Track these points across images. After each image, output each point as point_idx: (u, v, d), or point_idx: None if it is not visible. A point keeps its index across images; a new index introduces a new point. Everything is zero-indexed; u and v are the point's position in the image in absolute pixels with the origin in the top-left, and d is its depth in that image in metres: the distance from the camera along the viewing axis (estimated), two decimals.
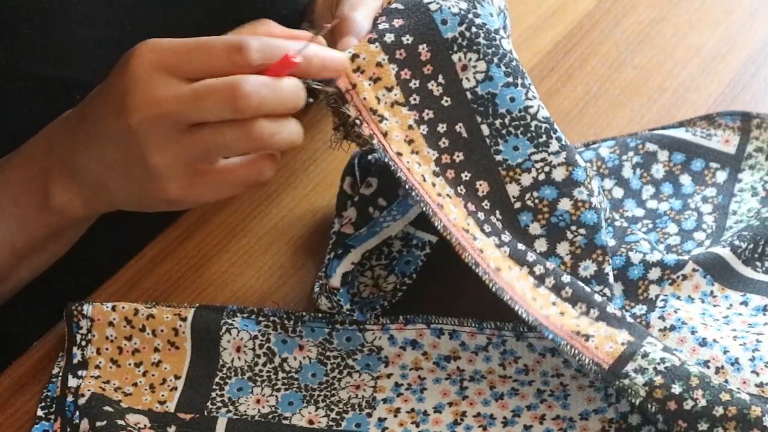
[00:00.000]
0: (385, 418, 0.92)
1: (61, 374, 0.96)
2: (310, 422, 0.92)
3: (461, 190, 0.93)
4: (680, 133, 1.06)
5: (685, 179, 1.04)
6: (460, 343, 0.94)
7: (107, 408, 0.91)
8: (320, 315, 0.96)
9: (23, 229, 0.97)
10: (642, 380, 0.85)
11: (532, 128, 0.93)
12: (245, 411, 0.93)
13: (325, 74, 0.90)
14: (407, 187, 0.90)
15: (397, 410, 0.93)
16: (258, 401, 0.94)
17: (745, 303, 0.94)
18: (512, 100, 0.93)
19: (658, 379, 0.85)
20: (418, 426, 0.91)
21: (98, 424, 0.90)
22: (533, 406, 0.92)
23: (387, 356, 0.95)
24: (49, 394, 0.96)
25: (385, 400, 0.93)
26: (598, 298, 0.90)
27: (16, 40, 0.95)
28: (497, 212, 0.93)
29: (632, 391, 0.85)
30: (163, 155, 0.88)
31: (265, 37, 0.88)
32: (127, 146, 0.89)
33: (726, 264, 0.95)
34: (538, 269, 0.91)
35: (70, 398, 0.94)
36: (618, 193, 1.03)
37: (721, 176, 1.04)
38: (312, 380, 0.95)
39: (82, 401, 0.93)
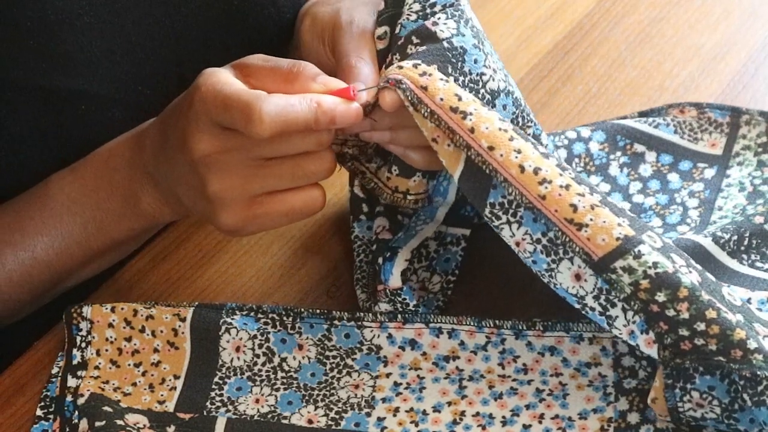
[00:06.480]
0: (384, 418, 0.92)
1: (60, 374, 0.96)
2: (309, 422, 0.92)
3: None
4: (668, 135, 1.06)
5: (673, 177, 1.04)
6: (459, 342, 0.94)
7: (106, 408, 0.91)
8: (318, 311, 0.96)
9: (103, 232, 0.98)
10: (628, 280, 0.84)
11: (480, 96, 0.91)
12: (244, 410, 0.93)
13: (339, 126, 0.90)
14: (500, 179, 0.87)
15: (396, 410, 0.93)
16: (257, 401, 0.94)
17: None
18: (475, 61, 0.92)
19: (645, 283, 0.84)
20: (417, 425, 0.91)
21: (97, 423, 0.90)
22: (532, 406, 0.91)
23: (386, 356, 0.95)
24: (48, 393, 0.96)
25: (384, 400, 0.93)
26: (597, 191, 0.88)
27: (23, 51, 0.95)
28: None
29: (618, 286, 0.85)
30: (221, 185, 0.90)
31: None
32: (192, 174, 0.91)
33: (708, 254, 0.94)
34: (541, 148, 0.88)
35: (69, 398, 0.94)
36: (605, 187, 1.03)
37: (710, 173, 1.04)
38: (311, 380, 0.95)
39: (81, 401, 0.93)
